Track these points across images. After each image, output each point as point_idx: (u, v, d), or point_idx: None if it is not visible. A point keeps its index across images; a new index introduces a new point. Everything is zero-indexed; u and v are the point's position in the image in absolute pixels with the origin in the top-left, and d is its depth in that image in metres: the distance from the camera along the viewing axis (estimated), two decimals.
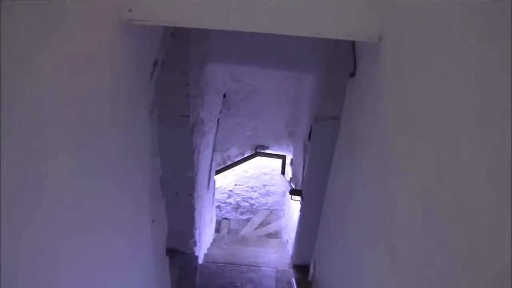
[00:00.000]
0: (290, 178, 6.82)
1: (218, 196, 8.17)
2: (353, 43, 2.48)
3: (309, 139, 4.24)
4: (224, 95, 6.94)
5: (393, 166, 1.51)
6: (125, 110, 1.89)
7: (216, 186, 7.88)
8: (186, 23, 1.79)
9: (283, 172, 7.40)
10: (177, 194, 4.59)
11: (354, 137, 2.26)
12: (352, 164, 2.28)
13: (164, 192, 3.85)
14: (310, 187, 4.26)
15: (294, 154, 7.11)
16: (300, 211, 4.64)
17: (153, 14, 1.76)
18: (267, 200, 8.47)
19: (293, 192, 4.76)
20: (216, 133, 6.22)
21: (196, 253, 5.17)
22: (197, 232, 5.07)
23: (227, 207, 8.55)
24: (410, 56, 1.42)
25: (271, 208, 8.52)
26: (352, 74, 2.44)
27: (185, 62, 3.66)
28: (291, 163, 7.38)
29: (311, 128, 4.16)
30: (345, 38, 1.72)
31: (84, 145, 1.44)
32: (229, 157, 7.90)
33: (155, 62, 2.49)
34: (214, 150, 6.12)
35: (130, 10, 1.73)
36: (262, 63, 4.50)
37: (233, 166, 7.91)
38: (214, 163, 6.26)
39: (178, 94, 3.83)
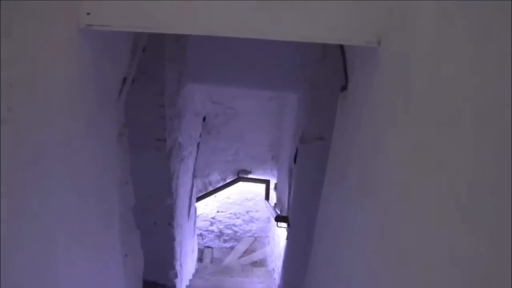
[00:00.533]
0: (275, 203, 6.61)
1: (200, 223, 7.98)
2: (343, 54, 2.27)
3: (295, 162, 4.01)
4: (204, 118, 6.70)
5: (397, 191, 1.27)
6: (84, 130, 1.63)
7: (198, 213, 7.64)
8: (153, 28, 1.54)
9: (267, 198, 7.20)
10: (155, 223, 4.33)
11: (349, 158, 2.03)
12: (345, 189, 2.04)
13: (141, 222, 3.60)
14: (297, 213, 4.02)
15: (278, 179, 6.88)
16: (287, 238, 4.38)
17: (115, 18, 1.51)
18: (251, 227, 8.24)
19: (278, 219, 4.50)
20: (196, 158, 5.98)
21: (177, 286, 4.88)
22: (177, 263, 4.78)
23: (210, 235, 8.29)
24: (417, 60, 1.20)
25: (256, 235, 8.29)
26: (343, 88, 2.22)
27: (160, 81, 3.42)
28: (275, 188, 7.13)
29: (297, 150, 3.93)
30: (339, 42, 1.50)
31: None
32: (210, 183, 7.64)
33: (124, 79, 2.25)
34: (194, 175, 5.85)
35: (88, 14, 1.49)
36: (244, 83, 4.28)
37: (215, 192, 7.66)
38: (194, 190, 5.99)
39: (153, 115, 3.58)
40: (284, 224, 4.41)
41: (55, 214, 1.40)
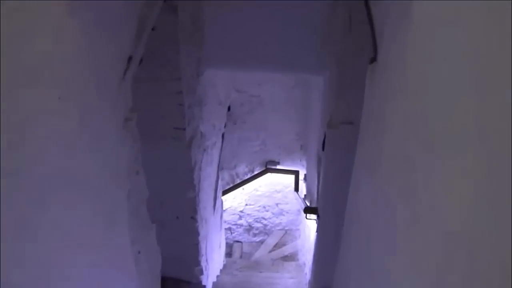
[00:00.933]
0: (305, 195, 6.41)
1: (228, 217, 7.87)
2: (370, 23, 2.03)
3: (323, 149, 3.77)
4: (229, 108, 6.52)
5: (434, 177, 1.04)
6: (77, 121, 1.44)
7: (225, 207, 7.57)
8: None
9: (296, 189, 6.96)
10: (178, 217, 4.16)
11: (379, 140, 1.80)
12: (378, 177, 1.81)
13: (161, 216, 3.46)
14: (326, 204, 3.79)
15: (307, 169, 6.65)
16: (317, 231, 4.15)
17: None
18: (281, 220, 8.06)
19: (307, 210, 4.28)
20: (221, 149, 5.78)
21: (204, 282, 4.71)
22: (203, 259, 4.61)
23: (239, 229, 8.13)
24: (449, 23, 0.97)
25: (286, 228, 8.10)
26: (373, 60, 1.98)
27: (176, 66, 3.23)
28: (305, 179, 6.93)
29: (325, 137, 3.69)
30: None
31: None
32: (237, 175, 7.51)
33: (130, 58, 2.06)
34: (220, 167, 5.67)
35: None
36: (267, 66, 4.05)
37: (243, 185, 7.53)
38: (220, 182, 5.81)
39: (170, 103, 3.39)
40: (314, 216, 4.18)
41: (49, 219, 1.23)
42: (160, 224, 3.12)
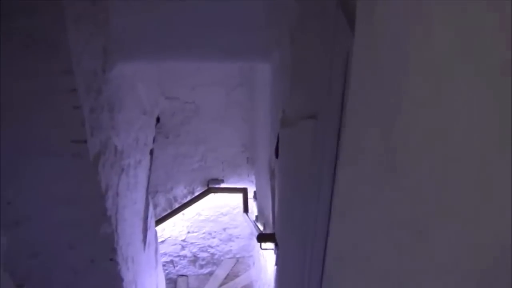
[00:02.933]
0: (256, 216, 5.69)
1: (168, 249, 7.16)
2: None
3: (277, 156, 3.01)
4: (158, 119, 5.69)
5: None
6: None
7: (164, 237, 6.94)
8: None
9: (246, 210, 6.21)
10: (93, 261, 3.29)
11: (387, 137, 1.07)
12: (392, 188, 1.06)
13: (73, 260, 2.74)
14: (286, 228, 3.00)
15: (257, 185, 5.97)
16: (276, 264, 3.36)
17: None
18: (231, 246, 7.36)
19: (262, 238, 3.47)
20: (150, 169, 4.92)
21: None
22: None
23: (182, 261, 7.37)
24: None
25: (237, 256, 7.45)
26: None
27: (64, 52, 2.38)
28: (255, 197, 6.25)
29: (278, 140, 2.94)
30: None
31: None
32: (175, 198, 6.67)
33: None
34: (150, 191, 4.80)
35: None
36: (197, 54, 3.22)
37: (183, 209, 6.67)
38: (152, 209, 4.92)
39: (61, 105, 2.54)
40: (271, 245, 3.39)
41: None
42: (71, 270, 2.33)
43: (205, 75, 5.56)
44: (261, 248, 3.56)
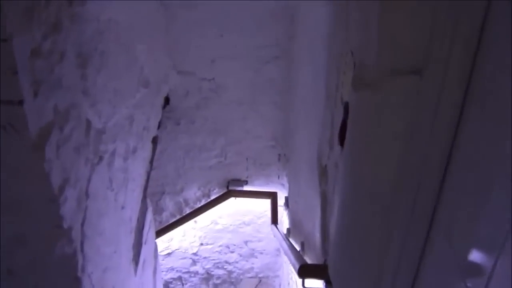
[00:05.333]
0: (288, 229, 4.97)
1: (176, 263, 6.57)
2: None
3: (341, 143, 1.96)
4: (167, 100, 4.75)
5: None
6: None
7: (172, 248, 6.33)
8: None
9: (274, 221, 5.60)
10: None
11: None
12: None
13: None
14: (350, 260, 1.92)
15: (292, 189, 5.17)
16: None
17: None
18: (253, 264, 6.72)
19: (306, 270, 2.41)
20: (151, 162, 3.95)
21: None
22: None
23: (193, 279, 6.75)
24: None
25: (260, 275, 6.82)
26: None
27: None
28: (287, 205, 5.53)
29: (345, 119, 1.90)
30: None
31: None
32: (186, 202, 5.90)
33: None
34: (147, 192, 3.80)
35: None
36: None
37: (195, 216, 6.02)
38: (150, 216, 3.90)
39: None
40: (319, 282, 2.34)
41: None
42: None
43: (229, 43, 4.64)
44: (303, 287, 2.49)
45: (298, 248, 3.71)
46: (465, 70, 1.21)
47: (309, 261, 2.96)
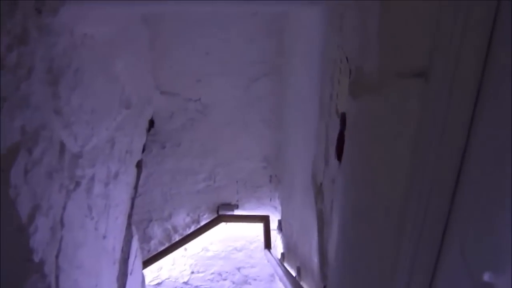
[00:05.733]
0: (282, 254, 4.77)
1: None
2: None
3: (339, 158, 1.80)
4: (152, 122, 4.58)
5: None
6: None
7: (162, 278, 6.08)
8: None
9: (268, 245, 5.42)
10: None
11: None
12: None
13: None
14: (352, 282, 1.75)
15: (285, 212, 5.00)
16: None
17: None
18: None
19: None
20: (135, 188, 3.77)
21: None
22: None
23: None
24: None
25: None
26: None
27: None
28: (280, 228, 5.33)
29: (340, 133, 1.75)
30: None
31: None
32: (175, 228, 5.71)
33: None
34: (132, 219, 3.61)
35: None
36: None
37: (185, 243, 5.85)
38: (135, 245, 3.71)
39: None
40: None
41: None
42: None
43: (215, 60, 4.50)
44: None
45: (294, 274, 3.54)
46: (476, 71, 1.07)
47: (306, 287, 2.79)
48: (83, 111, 2.45)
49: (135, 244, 3.62)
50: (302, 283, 3.06)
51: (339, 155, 1.79)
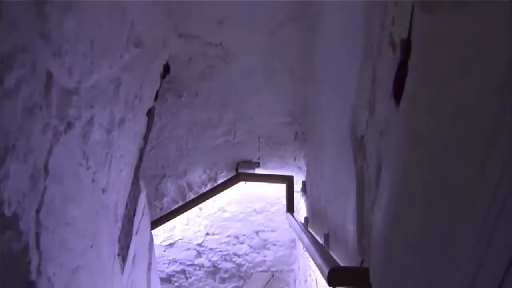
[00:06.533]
0: (306, 218, 4.55)
1: (179, 255, 6.43)
2: None
3: (396, 98, 1.43)
4: (167, 68, 4.31)
5: None
6: None
7: (175, 238, 6.13)
8: None
9: (290, 208, 5.17)
10: None
11: None
12: None
13: None
14: (402, 263, 1.40)
15: (310, 172, 4.74)
16: None
17: None
18: (265, 256, 6.52)
19: (339, 275, 1.90)
20: (146, 138, 3.49)
21: None
22: None
23: (198, 272, 6.55)
24: None
25: (273, 269, 6.59)
26: None
27: None
28: (304, 190, 5.07)
29: (404, 53, 1.39)
30: None
31: None
32: (190, 186, 5.50)
33: None
34: (139, 172, 3.33)
35: None
36: None
37: (200, 202, 5.68)
38: (143, 201, 3.44)
39: None
40: None
41: None
42: None
43: (239, 1, 4.24)
44: None
45: (320, 241, 3.23)
46: None
47: (337, 259, 2.45)
48: (79, 40, 2.10)
49: (142, 200, 3.34)
50: (331, 252, 2.74)
51: (398, 94, 1.41)
